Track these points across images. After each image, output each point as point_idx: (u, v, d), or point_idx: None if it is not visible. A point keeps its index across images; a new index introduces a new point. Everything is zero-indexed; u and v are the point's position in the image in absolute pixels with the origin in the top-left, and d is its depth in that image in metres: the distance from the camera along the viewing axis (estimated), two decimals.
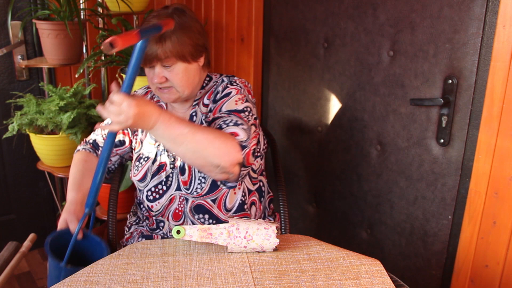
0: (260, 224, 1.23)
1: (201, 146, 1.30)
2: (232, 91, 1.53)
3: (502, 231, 1.53)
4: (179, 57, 1.45)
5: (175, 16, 1.46)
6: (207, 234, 1.22)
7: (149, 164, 1.58)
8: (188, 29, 1.47)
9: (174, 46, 1.44)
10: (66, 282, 1.14)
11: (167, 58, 1.44)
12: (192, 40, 1.47)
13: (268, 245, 1.23)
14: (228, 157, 1.32)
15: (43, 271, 2.63)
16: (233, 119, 1.43)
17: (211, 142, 1.30)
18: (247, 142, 1.37)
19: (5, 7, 2.36)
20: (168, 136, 1.29)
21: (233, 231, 1.22)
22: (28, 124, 2.17)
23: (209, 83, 1.61)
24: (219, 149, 1.31)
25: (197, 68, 1.52)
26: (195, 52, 1.48)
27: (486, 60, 1.49)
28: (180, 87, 1.49)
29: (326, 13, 1.94)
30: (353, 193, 2.01)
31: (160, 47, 1.43)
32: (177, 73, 1.47)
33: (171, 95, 1.51)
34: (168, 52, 1.43)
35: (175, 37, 1.44)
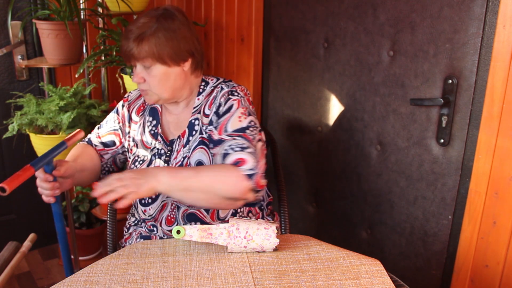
0: (260, 224, 1.23)
1: (209, 184, 1.33)
2: (233, 104, 1.50)
3: (502, 231, 1.53)
4: (156, 58, 1.44)
5: (161, 18, 1.44)
6: (207, 234, 1.22)
7: (143, 167, 1.57)
8: (170, 32, 1.44)
9: (150, 47, 1.42)
10: (66, 282, 1.14)
11: (143, 58, 1.44)
12: (173, 43, 1.44)
13: (268, 245, 1.23)
14: (237, 189, 1.33)
15: (43, 271, 2.64)
16: (239, 143, 1.40)
17: (218, 177, 1.34)
18: (256, 168, 1.36)
19: (5, 7, 2.36)
20: (176, 184, 1.31)
21: (233, 231, 1.22)
22: (28, 124, 2.17)
23: (205, 88, 1.59)
24: (227, 183, 1.33)
25: (180, 73, 1.49)
26: (175, 56, 1.45)
27: (486, 60, 1.49)
28: (158, 89, 1.48)
29: (326, 13, 1.94)
30: (353, 193, 2.01)
31: (135, 46, 1.43)
32: (155, 75, 1.46)
33: (149, 97, 1.52)
34: (143, 52, 1.43)
35: (153, 38, 1.42)
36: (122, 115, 1.69)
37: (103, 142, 1.69)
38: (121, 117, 1.69)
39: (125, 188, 1.25)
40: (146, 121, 1.64)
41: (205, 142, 1.52)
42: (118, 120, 1.69)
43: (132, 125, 1.66)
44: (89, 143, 1.71)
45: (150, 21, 1.45)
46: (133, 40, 1.43)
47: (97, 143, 1.69)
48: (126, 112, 1.68)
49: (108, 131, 1.69)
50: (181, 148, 1.55)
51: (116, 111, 1.71)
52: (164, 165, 1.55)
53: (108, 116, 1.73)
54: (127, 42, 1.45)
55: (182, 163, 1.52)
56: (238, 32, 2.33)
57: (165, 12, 1.48)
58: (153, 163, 1.57)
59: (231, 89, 1.54)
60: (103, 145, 1.69)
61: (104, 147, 1.69)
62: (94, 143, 1.69)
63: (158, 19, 1.45)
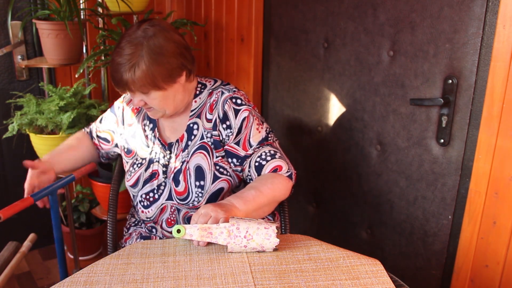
0: (260, 224, 1.24)
1: (272, 195, 1.44)
2: (245, 117, 1.51)
3: (502, 231, 1.53)
4: (152, 86, 1.41)
5: (144, 41, 1.38)
6: (207, 233, 1.23)
7: (141, 171, 1.58)
8: (159, 55, 1.39)
9: (144, 76, 1.38)
10: (66, 282, 1.14)
11: (140, 88, 1.41)
12: (165, 67, 1.40)
13: (268, 245, 1.23)
14: (288, 191, 1.50)
15: (43, 271, 2.64)
16: (266, 151, 1.50)
17: (275, 186, 1.44)
18: (290, 168, 1.50)
19: (5, 7, 2.36)
20: (252, 207, 1.38)
21: (233, 231, 1.22)
22: (28, 124, 2.17)
23: (203, 91, 1.57)
24: (282, 189, 1.47)
25: (178, 88, 1.47)
26: (169, 77, 1.42)
27: (486, 60, 1.49)
28: (161, 108, 1.48)
29: (326, 13, 1.94)
30: (353, 193, 2.01)
31: (130, 78, 1.39)
32: (155, 98, 1.44)
33: (154, 113, 1.52)
34: (137, 82, 1.39)
35: (144, 66, 1.38)
36: (119, 116, 1.70)
37: (99, 136, 1.76)
38: (117, 117, 1.71)
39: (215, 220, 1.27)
40: (141, 123, 1.64)
41: (205, 147, 1.52)
42: (115, 120, 1.71)
43: (126, 127, 1.67)
44: (90, 134, 1.80)
45: (136, 49, 1.38)
46: (125, 73, 1.39)
47: (95, 136, 1.78)
48: (121, 113, 1.70)
49: (106, 129, 1.74)
50: (180, 153, 1.54)
51: (113, 111, 1.73)
52: (162, 169, 1.55)
53: (107, 114, 1.76)
54: (118, 75, 1.41)
55: (181, 167, 1.52)
56: (238, 32, 2.33)
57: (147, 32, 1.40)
58: (151, 167, 1.57)
59: (233, 95, 1.52)
60: (99, 139, 1.77)
61: (99, 141, 1.77)
62: (93, 136, 1.78)
63: (142, 45, 1.38)
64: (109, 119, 1.73)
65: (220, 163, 1.52)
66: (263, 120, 1.57)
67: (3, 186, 2.63)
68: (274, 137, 1.57)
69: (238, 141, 1.50)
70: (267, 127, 1.56)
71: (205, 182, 1.49)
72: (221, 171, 1.51)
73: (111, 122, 1.72)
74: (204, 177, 1.50)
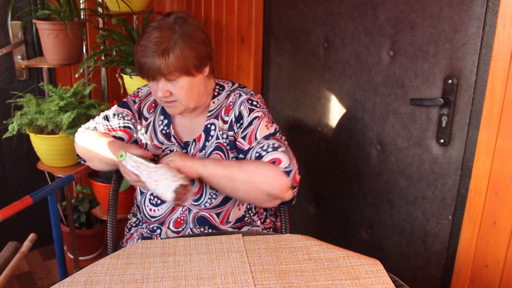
0: (174, 176, 1.31)
1: (251, 175, 1.38)
2: (257, 115, 1.50)
3: (502, 231, 1.53)
4: (184, 71, 1.40)
5: (177, 27, 1.39)
6: (136, 165, 1.37)
7: None
8: (191, 40, 1.40)
9: (177, 61, 1.38)
10: (66, 282, 1.14)
11: (170, 73, 1.39)
12: (196, 52, 1.41)
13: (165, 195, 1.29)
14: (277, 184, 1.37)
15: (43, 271, 2.64)
16: (270, 143, 1.45)
17: (259, 170, 1.38)
18: (291, 165, 1.40)
19: (5, 7, 2.36)
20: (221, 171, 1.38)
21: (151, 172, 1.33)
22: (28, 124, 2.17)
23: (221, 92, 1.57)
24: (268, 176, 1.37)
25: (202, 79, 1.47)
26: (199, 64, 1.43)
27: (486, 60, 1.49)
28: (185, 100, 1.46)
29: (326, 13, 1.94)
30: (353, 193, 2.01)
31: (163, 61, 1.37)
32: (182, 87, 1.43)
33: (176, 108, 1.49)
34: (171, 67, 1.38)
35: (178, 50, 1.38)
36: (135, 111, 1.64)
37: (115, 136, 1.63)
38: (134, 113, 1.64)
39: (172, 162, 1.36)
40: (156, 119, 1.61)
41: (221, 147, 1.52)
42: (130, 116, 1.63)
43: (143, 122, 1.63)
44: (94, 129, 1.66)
45: (169, 31, 1.39)
46: (158, 56, 1.37)
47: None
48: (137, 108, 1.64)
49: (119, 127, 1.63)
50: (197, 153, 1.54)
51: (127, 107, 1.64)
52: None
53: (116, 110, 1.65)
54: (149, 59, 1.38)
55: None
56: (238, 32, 2.33)
57: (177, 19, 1.42)
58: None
59: (250, 98, 1.53)
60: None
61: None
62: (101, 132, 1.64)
63: (174, 29, 1.39)
64: (123, 116, 1.63)
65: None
66: (274, 123, 1.55)
67: (3, 186, 2.63)
68: (283, 137, 1.55)
69: (245, 135, 1.49)
70: (277, 127, 1.54)
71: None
72: None
73: (126, 119, 1.63)
74: None
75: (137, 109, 1.64)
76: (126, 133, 1.63)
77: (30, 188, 2.71)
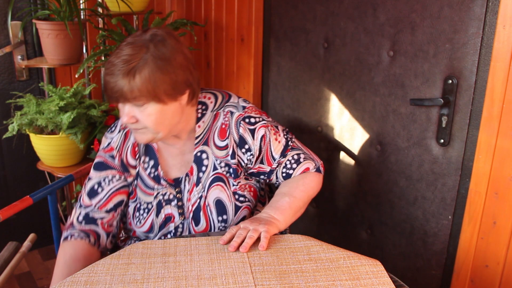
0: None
1: (306, 196, 1.46)
2: (262, 133, 1.41)
3: (502, 231, 1.53)
4: (151, 97, 1.22)
5: (151, 46, 1.22)
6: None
7: (152, 217, 1.44)
8: (166, 62, 1.22)
9: (144, 84, 1.20)
10: (66, 282, 1.14)
11: (135, 98, 1.22)
12: (170, 77, 1.23)
13: None
14: (319, 186, 1.51)
15: (43, 271, 2.64)
16: (290, 159, 1.47)
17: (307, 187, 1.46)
18: (316, 162, 1.51)
19: (5, 7, 2.36)
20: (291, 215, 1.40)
21: None
22: (28, 124, 2.17)
23: (205, 113, 1.41)
24: (314, 186, 1.48)
25: (177, 108, 1.29)
26: (173, 91, 1.24)
27: (486, 60, 1.49)
28: (154, 129, 1.28)
29: (326, 13, 1.94)
30: (353, 193, 2.01)
31: (126, 83, 1.20)
32: (150, 114, 1.25)
33: (143, 135, 1.31)
34: (136, 90, 1.20)
35: (147, 71, 1.20)
36: (119, 167, 1.45)
37: (110, 209, 1.43)
38: (119, 168, 1.45)
39: (256, 232, 1.26)
40: (142, 161, 1.45)
41: (221, 178, 1.41)
42: (118, 174, 1.45)
43: (131, 171, 1.46)
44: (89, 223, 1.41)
45: (139, 50, 1.21)
46: (122, 76, 1.20)
47: (102, 215, 1.43)
48: (119, 162, 1.45)
49: (111, 194, 1.44)
50: (193, 188, 1.42)
51: (109, 167, 1.45)
52: (178, 211, 1.42)
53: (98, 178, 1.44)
54: (114, 79, 1.21)
55: (199, 204, 1.41)
56: (238, 32, 2.33)
57: (154, 37, 1.24)
58: (163, 211, 1.42)
59: (245, 115, 1.40)
60: (112, 211, 1.44)
61: (113, 213, 1.44)
62: (99, 217, 1.42)
63: (148, 48, 1.22)
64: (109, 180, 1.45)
65: (239, 191, 1.44)
66: (277, 125, 1.48)
67: (3, 186, 2.63)
68: (292, 136, 1.52)
69: (262, 159, 1.44)
70: (283, 129, 1.50)
71: (228, 216, 1.42)
72: (241, 200, 1.45)
73: (115, 180, 1.45)
74: (226, 211, 1.42)
75: (120, 163, 1.45)
76: (122, 193, 1.45)
77: (30, 188, 2.71)
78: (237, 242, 1.24)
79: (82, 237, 1.39)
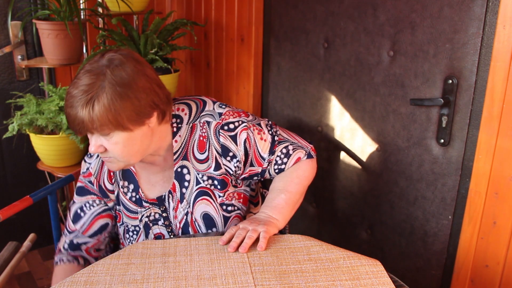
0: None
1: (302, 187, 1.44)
2: (245, 136, 1.37)
3: (502, 231, 1.53)
4: (114, 126, 1.17)
5: (108, 71, 1.16)
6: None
7: (143, 238, 1.44)
8: (126, 88, 1.16)
9: (104, 113, 1.14)
10: (66, 282, 1.14)
11: (96, 128, 1.17)
12: (132, 102, 1.16)
13: None
14: (314, 171, 1.50)
15: (43, 271, 2.64)
16: (279, 154, 1.44)
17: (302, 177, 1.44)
18: (307, 148, 1.49)
19: (5, 7, 2.36)
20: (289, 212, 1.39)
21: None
22: (28, 124, 2.17)
23: (180, 126, 1.36)
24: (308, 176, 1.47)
25: (146, 132, 1.24)
26: (137, 116, 1.18)
27: (486, 60, 1.49)
28: (123, 157, 1.24)
29: (326, 13, 1.94)
30: (353, 193, 2.01)
31: (87, 114, 1.14)
32: (117, 143, 1.21)
33: (114, 164, 1.27)
34: (97, 121, 1.15)
35: (106, 100, 1.14)
36: (98, 192, 1.45)
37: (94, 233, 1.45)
38: (98, 194, 1.45)
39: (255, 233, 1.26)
40: (121, 186, 1.43)
41: (206, 192, 1.38)
42: (98, 199, 1.45)
43: (110, 195, 1.45)
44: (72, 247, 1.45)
45: (96, 79, 1.16)
46: (81, 107, 1.15)
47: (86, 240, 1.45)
48: (97, 187, 1.45)
49: (93, 218, 1.45)
50: (178, 204, 1.40)
51: (89, 193, 1.45)
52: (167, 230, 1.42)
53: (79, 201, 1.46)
54: (73, 111, 1.16)
55: (187, 219, 1.40)
56: (238, 32, 2.33)
57: (111, 61, 1.18)
58: (151, 232, 1.43)
59: (222, 122, 1.36)
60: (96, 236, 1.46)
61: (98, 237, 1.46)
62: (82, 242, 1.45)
63: (104, 74, 1.16)
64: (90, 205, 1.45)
65: (226, 202, 1.41)
66: (259, 122, 1.43)
67: (3, 186, 2.63)
68: (276, 129, 1.47)
69: (251, 162, 1.41)
70: (266, 124, 1.45)
71: (217, 228, 1.42)
72: (229, 209, 1.42)
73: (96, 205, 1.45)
74: (215, 223, 1.41)
75: (98, 189, 1.45)
76: (105, 217, 1.46)
77: (30, 188, 2.71)
78: (236, 242, 1.24)
79: (70, 260, 1.46)
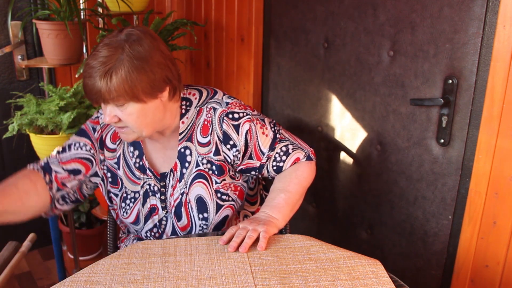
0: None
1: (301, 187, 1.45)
2: (248, 128, 1.41)
3: (502, 231, 1.53)
4: (130, 97, 1.24)
5: (126, 46, 1.23)
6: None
7: (139, 207, 1.46)
8: (142, 61, 1.23)
9: (121, 84, 1.21)
10: (67, 282, 1.14)
11: (113, 98, 1.23)
12: (147, 76, 1.24)
13: None
14: (313, 173, 1.51)
15: (43, 271, 2.64)
16: (279, 151, 1.46)
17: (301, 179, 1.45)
18: (307, 150, 1.50)
19: (5, 7, 2.36)
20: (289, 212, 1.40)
21: None
22: (28, 124, 2.17)
23: (189, 109, 1.42)
24: (307, 176, 1.48)
25: (158, 105, 1.30)
26: (151, 90, 1.26)
27: (486, 60, 1.49)
28: (136, 128, 1.30)
29: (326, 13, 1.94)
30: (353, 193, 2.01)
31: (104, 85, 1.21)
32: (131, 114, 1.27)
33: (128, 135, 1.33)
34: (114, 91, 1.22)
35: (123, 72, 1.21)
36: (95, 140, 1.48)
37: (67, 169, 1.45)
38: (94, 142, 1.48)
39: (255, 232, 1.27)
40: (126, 151, 1.47)
41: (204, 175, 1.42)
42: (89, 145, 1.47)
43: (106, 153, 1.48)
44: (45, 168, 1.45)
45: (115, 51, 1.23)
46: (99, 78, 1.21)
47: (59, 170, 1.44)
48: (98, 137, 1.48)
49: (74, 157, 1.46)
50: (176, 183, 1.43)
51: (86, 135, 1.49)
52: (161, 204, 1.45)
53: (73, 139, 1.49)
54: (91, 81, 1.23)
55: (181, 200, 1.43)
56: (238, 32, 2.33)
57: (129, 36, 1.25)
58: (148, 201, 1.45)
59: (228, 110, 1.40)
60: (68, 172, 1.45)
61: (69, 174, 1.45)
62: (55, 169, 1.45)
63: (123, 48, 1.23)
64: (80, 145, 1.47)
65: (221, 190, 1.43)
66: (263, 118, 1.48)
67: None
68: (280, 128, 1.51)
69: (250, 155, 1.44)
70: (270, 121, 1.49)
71: (208, 214, 1.42)
72: (223, 198, 1.43)
73: (84, 149, 1.47)
74: (207, 209, 1.42)
75: (98, 139, 1.48)
76: (83, 164, 1.46)
77: None
78: (236, 242, 1.25)
79: (38, 170, 1.44)
